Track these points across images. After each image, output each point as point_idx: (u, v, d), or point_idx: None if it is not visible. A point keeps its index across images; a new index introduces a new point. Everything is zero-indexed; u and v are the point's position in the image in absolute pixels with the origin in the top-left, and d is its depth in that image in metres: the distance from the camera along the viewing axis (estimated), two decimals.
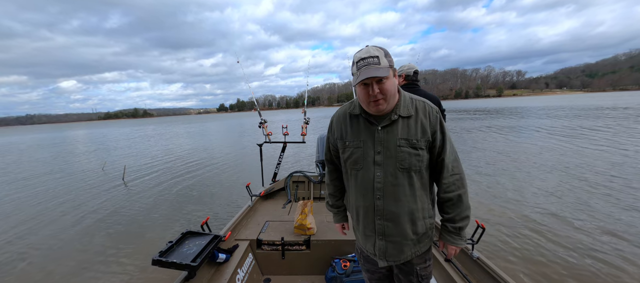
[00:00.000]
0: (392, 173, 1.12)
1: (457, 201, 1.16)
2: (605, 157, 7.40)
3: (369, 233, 1.21)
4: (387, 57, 1.06)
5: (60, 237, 4.44)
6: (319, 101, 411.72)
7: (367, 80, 1.04)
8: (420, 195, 1.15)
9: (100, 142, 23.25)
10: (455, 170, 1.16)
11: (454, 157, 1.16)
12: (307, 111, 3.94)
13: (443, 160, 1.14)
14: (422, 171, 1.13)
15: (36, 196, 6.98)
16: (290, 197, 3.33)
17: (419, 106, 1.14)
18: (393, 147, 1.11)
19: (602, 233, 3.53)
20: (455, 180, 1.15)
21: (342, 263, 2.13)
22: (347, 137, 1.20)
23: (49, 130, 74.92)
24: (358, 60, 1.06)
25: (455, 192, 1.15)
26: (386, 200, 1.14)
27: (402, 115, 1.11)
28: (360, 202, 1.19)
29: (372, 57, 1.04)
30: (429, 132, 1.11)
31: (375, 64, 1.03)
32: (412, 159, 1.10)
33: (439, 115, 1.14)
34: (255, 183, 3.23)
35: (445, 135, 1.13)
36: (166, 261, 1.70)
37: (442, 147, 1.14)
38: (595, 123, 15.17)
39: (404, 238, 1.17)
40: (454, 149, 1.17)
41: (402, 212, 1.14)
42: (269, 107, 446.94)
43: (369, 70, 1.03)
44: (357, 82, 1.05)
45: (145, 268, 3.31)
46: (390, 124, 1.12)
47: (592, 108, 28.17)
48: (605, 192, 4.93)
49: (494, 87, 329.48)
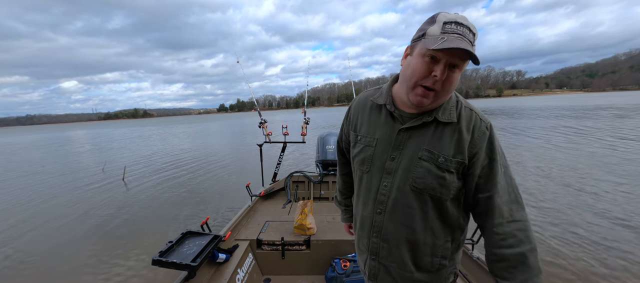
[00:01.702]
0: (401, 190, 0.86)
1: (518, 262, 0.77)
2: (611, 156, 7.40)
3: (362, 247, 1.01)
4: (474, 44, 0.74)
5: (60, 237, 4.43)
6: (319, 101, 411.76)
7: (449, 51, 0.71)
8: (435, 228, 0.87)
9: (97, 142, 23.26)
10: (515, 215, 0.80)
11: (512, 198, 0.81)
12: (307, 111, 3.94)
13: (492, 200, 0.80)
14: (444, 201, 0.84)
15: (36, 196, 6.98)
16: (290, 197, 3.33)
17: (464, 113, 0.83)
18: (411, 157, 0.84)
19: (605, 232, 3.53)
20: (515, 230, 0.79)
21: (342, 263, 2.13)
22: (360, 129, 0.97)
23: (47, 131, 74.90)
24: (449, 21, 0.72)
25: (515, 248, 0.78)
26: (387, 217, 0.90)
27: (440, 119, 0.82)
28: (360, 209, 0.99)
29: (471, 31, 0.72)
30: (467, 151, 0.81)
31: (470, 42, 0.71)
32: (432, 181, 0.82)
33: (489, 133, 0.81)
34: (255, 183, 3.23)
35: (495, 162, 0.80)
36: (166, 261, 1.69)
37: (487, 179, 0.81)
38: (596, 123, 15.17)
39: (402, 268, 0.92)
40: (511, 185, 0.82)
41: (401, 238, 0.89)
42: (269, 107, 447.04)
43: (462, 41, 0.70)
44: (432, 47, 0.70)
45: (145, 268, 3.31)
46: (418, 127, 0.84)
47: (594, 108, 28.16)
48: (612, 194, 4.93)
49: (494, 87, 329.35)
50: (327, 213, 2.84)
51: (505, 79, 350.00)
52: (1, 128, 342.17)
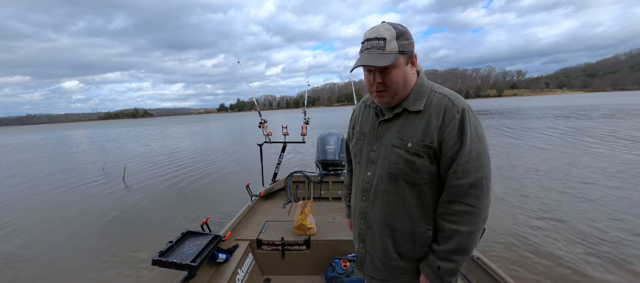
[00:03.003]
0: (380, 176, 0.95)
1: (450, 237, 0.87)
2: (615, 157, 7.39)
3: (355, 235, 1.11)
4: (400, 40, 0.85)
5: (60, 237, 4.43)
6: (319, 101, 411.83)
7: (372, 68, 0.88)
8: (414, 215, 0.92)
9: (96, 142, 23.27)
10: (469, 200, 0.83)
11: (476, 183, 0.83)
12: (307, 111, 3.94)
13: (454, 178, 0.84)
14: (421, 185, 0.90)
15: (36, 196, 6.98)
16: (290, 197, 3.33)
17: (434, 100, 0.90)
18: (387, 146, 0.95)
19: (604, 232, 3.53)
20: (461, 211, 0.84)
21: (342, 263, 2.13)
22: (357, 126, 1.11)
23: (46, 131, 74.93)
24: (364, 40, 0.89)
25: (453, 225, 0.86)
26: (371, 203, 0.99)
27: (409, 109, 0.91)
28: (353, 199, 1.10)
29: (378, 39, 0.85)
30: (436, 135, 0.86)
31: (378, 49, 0.85)
32: (404, 166, 0.89)
33: (460, 116, 0.85)
34: (255, 183, 3.23)
35: (464, 145, 0.83)
36: (166, 261, 1.69)
37: (453, 160, 0.84)
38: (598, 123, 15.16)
39: (385, 255, 0.98)
40: (480, 171, 0.84)
41: (383, 224, 0.97)
42: (269, 107, 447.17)
43: (369, 56, 0.86)
44: (351, 69, 0.93)
45: (145, 268, 3.31)
46: (392, 119, 0.96)
47: (594, 108, 28.16)
48: (617, 192, 4.93)
49: (494, 87, 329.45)
50: (327, 213, 2.84)
51: (506, 78, 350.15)
52: (0, 128, 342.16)
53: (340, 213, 2.82)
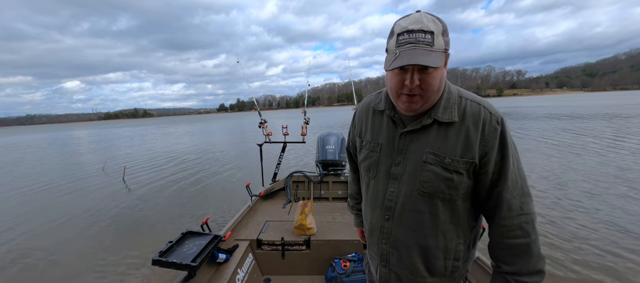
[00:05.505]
0: (409, 195, 0.84)
1: (521, 252, 0.80)
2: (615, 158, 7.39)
3: (373, 255, 1.00)
4: (444, 37, 0.72)
5: (60, 236, 4.44)
6: (319, 101, 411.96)
7: (408, 66, 0.71)
8: (446, 231, 0.85)
9: (95, 141, 23.27)
10: (524, 208, 0.79)
11: (522, 191, 0.80)
12: (307, 111, 3.94)
13: (500, 194, 0.79)
14: (456, 201, 0.82)
15: (36, 196, 6.97)
16: (290, 197, 3.32)
17: (469, 110, 0.79)
18: (416, 161, 0.82)
19: (604, 231, 3.53)
20: (522, 223, 0.79)
21: (342, 263, 2.13)
22: (365, 135, 0.97)
23: (44, 131, 74.89)
24: (402, 32, 0.72)
25: (520, 239, 0.79)
26: (395, 223, 0.88)
27: (440, 120, 0.80)
28: (368, 216, 0.97)
29: (425, 32, 0.70)
30: (477, 151, 0.78)
31: (427, 44, 0.70)
32: (440, 184, 0.80)
33: (500, 128, 0.78)
34: (255, 183, 3.23)
35: (506, 158, 0.78)
36: (166, 261, 1.69)
37: (499, 175, 0.79)
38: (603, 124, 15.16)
39: (414, 274, 0.90)
40: (521, 178, 0.80)
41: (412, 244, 0.87)
42: (269, 107, 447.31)
43: (415, 53, 0.69)
44: (393, 68, 0.71)
45: (145, 268, 3.31)
46: (418, 130, 0.83)
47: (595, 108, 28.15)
48: (622, 191, 4.93)
49: (494, 87, 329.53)
50: (327, 213, 2.84)
51: (505, 78, 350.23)
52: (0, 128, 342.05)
53: (341, 214, 2.82)
